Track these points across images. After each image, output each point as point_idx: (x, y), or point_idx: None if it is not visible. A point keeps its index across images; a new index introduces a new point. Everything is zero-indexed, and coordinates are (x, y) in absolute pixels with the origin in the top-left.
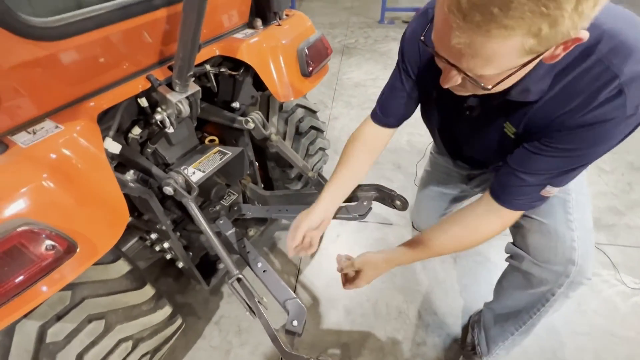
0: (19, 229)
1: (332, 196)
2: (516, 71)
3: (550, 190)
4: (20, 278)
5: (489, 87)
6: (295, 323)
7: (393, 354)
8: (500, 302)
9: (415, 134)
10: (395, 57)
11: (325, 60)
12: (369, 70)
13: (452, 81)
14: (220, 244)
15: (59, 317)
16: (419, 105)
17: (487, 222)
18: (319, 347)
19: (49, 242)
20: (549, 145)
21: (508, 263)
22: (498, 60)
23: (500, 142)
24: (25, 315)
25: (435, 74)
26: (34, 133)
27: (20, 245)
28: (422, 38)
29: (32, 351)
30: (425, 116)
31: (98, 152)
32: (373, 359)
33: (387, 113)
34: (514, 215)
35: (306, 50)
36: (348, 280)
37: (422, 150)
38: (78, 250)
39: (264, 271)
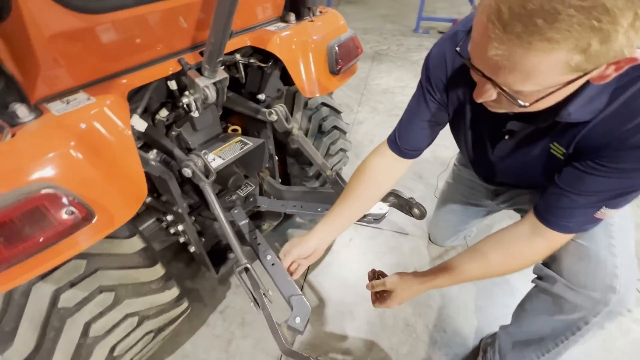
0: (43, 191)
1: (329, 229)
2: (558, 89)
3: (605, 212)
4: (38, 239)
5: (527, 104)
6: (298, 320)
7: None
8: (520, 327)
9: (441, 145)
10: None
11: (355, 59)
12: (399, 77)
13: (487, 96)
14: (231, 232)
15: (72, 284)
16: (448, 124)
17: (532, 245)
18: (320, 348)
19: (69, 208)
20: (605, 165)
21: (533, 285)
22: (538, 75)
23: (545, 165)
24: (42, 278)
25: (468, 94)
26: (68, 103)
27: (42, 207)
28: (457, 49)
29: (44, 313)
30: (456, 136)
31: (125, 127)
32: None
33: (406, 140)
34: (562, 239)
35: (336, 48)
36: (378, 299)
37: (445, 161)
38: (95, 219)
39: (272, 264)
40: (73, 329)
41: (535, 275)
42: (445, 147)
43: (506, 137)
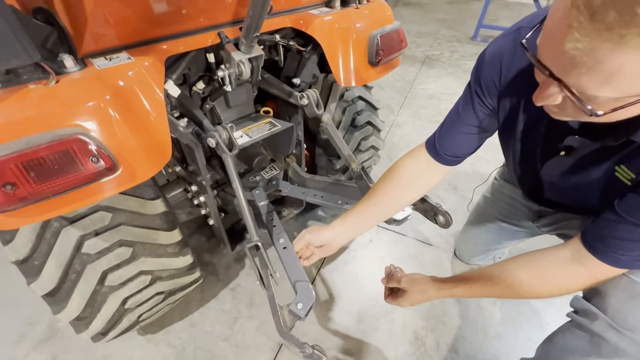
0: (76, 136)
1: (348, 225)
2: None
3: None
4: (64, 179)
5: (600, 113)
6: (300, 306)
7: None
8: None
9: (482, 158)
10: None
11: (398, 52)
12: (447, 84)
13: (550, 100)
14: (247, 207)
15: (96, 233)
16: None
17: (570, 272)
18: (322, 344)
19: (95, 157)
20: None
21: (569, 319)
22: (623, 79)
23: (605, 189)
24: (71, 222)
25: (523, 101)
26: (110, 60)
27: (72, 150)
28: (523, 41)
29: (69, 255)
30: (504, 147)
31: (158, 90)
32: None
33: (446, 145)
34: (608, 272)
35: (378, 38)
36: (391, 294)
37: (485, 175)
38: (119, 172)
39: (284, 248)
40: (92, 275)
41: (572, 309)
42: (487, 161)
43: (562, 153)
